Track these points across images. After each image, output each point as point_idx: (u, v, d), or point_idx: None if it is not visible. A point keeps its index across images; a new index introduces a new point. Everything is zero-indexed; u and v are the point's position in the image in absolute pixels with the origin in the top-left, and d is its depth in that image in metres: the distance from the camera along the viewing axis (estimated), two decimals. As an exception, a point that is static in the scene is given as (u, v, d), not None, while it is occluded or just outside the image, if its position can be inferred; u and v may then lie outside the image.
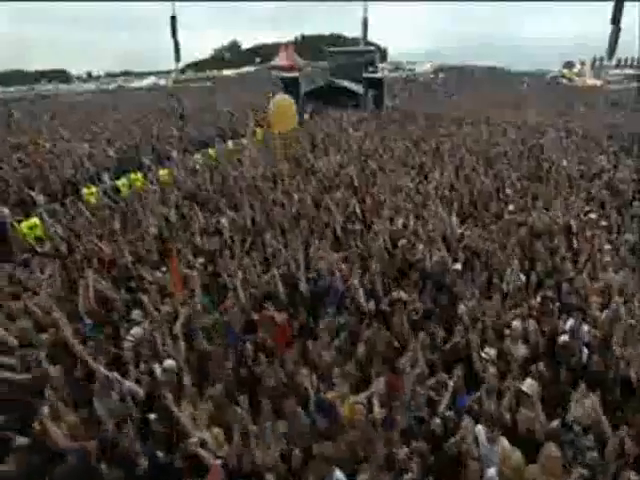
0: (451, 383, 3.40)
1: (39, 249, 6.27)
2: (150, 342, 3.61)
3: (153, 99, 37.13)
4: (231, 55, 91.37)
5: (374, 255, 5.35)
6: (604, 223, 7.03)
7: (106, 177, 10.56)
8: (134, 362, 3.38)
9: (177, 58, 65.36)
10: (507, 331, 4.12)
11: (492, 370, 3.43)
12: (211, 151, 13.43)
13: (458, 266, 5.28)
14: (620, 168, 11.44)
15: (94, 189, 9.49)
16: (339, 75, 29.42)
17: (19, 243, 8.31)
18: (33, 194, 8.90)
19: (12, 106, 36.31)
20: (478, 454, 2.84)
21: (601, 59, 63.41)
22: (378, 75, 27.71)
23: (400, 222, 6.44)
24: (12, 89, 61.30)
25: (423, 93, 45.26)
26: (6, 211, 8.19)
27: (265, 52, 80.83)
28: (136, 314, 4.15)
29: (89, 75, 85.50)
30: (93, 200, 9.24)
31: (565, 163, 11.22)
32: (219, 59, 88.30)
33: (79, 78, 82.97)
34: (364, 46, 38.62)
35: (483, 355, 3.64)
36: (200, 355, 3.52)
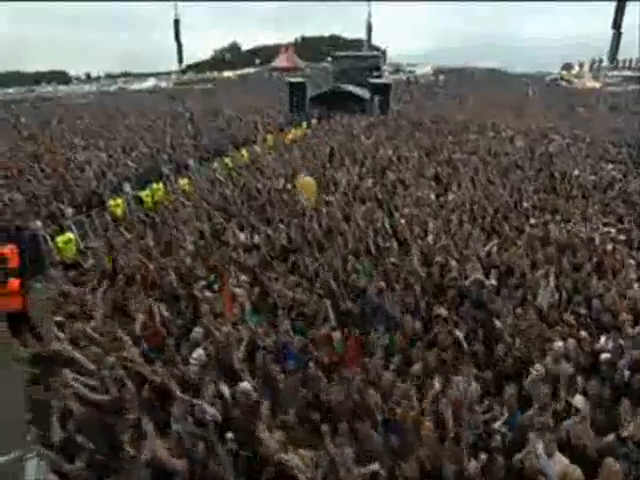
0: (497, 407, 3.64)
1: (85, 265, 6.43)
2: (217, 364, 3.82)
3: (158, 102, 37.19)
4: (231, 56, 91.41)
5: (412, 273, 5.57)
6: (622, 237, 7.31)
7: (128, 187, 10.74)
8: (205, 385, 3.57)
9: (180, 60, 64.87)
10: (548, 349, 4.34)
11: (544, 387, 3.66)
12: (227, 160, 13.64)
13: (493, 281, 5.52)
14: (630, 178, 11.77)
15: (119, 201, 9.67)
16: (343, 79, 29.73)
17: (52, 256, 8.52)
18: (62, 207, 9.08)
19: (13, 108, 36.24)
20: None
21: (600, 60, 63.61)
22: (385, 81, 27.97)
23: (430, 238, 6.67)
24: (11, 90, 61.00)
25: (425, 96, 45.50)
26: (39, 224, 8.38)
27: (265, 53, 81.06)
28: (196, 332, 4.34)
29: (88, 76, 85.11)
30: (119, 212, 9.44)
31: (577, 172, 11.51)
32: (219, 60, 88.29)
33: (78, 79, 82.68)
34: (368, 50, 38.95)
35: (533, 372, 3.88)
36: (267, 377, 3.73)
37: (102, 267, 5.90)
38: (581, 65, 66.01)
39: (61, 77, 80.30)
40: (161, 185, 10.84)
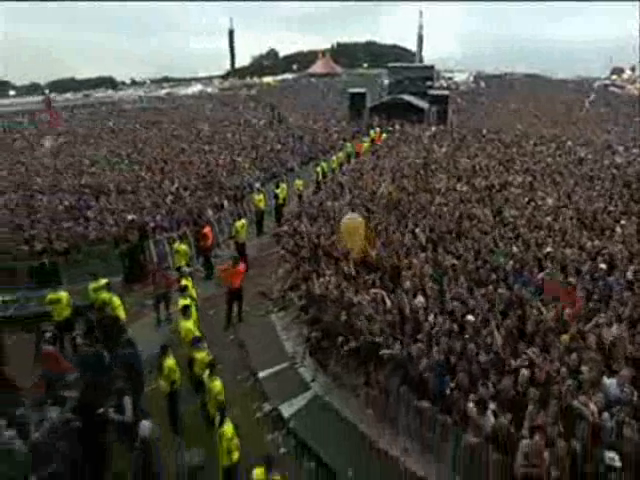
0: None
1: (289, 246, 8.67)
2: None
3: (215, 109, 40.48)
4: (269, 62, 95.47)
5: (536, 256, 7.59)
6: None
7: (258, 185, 13.19)
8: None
9: (232, 66, 69.23)
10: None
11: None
12: (323, 164, 15.97)
13: (603, 266, 7.41)
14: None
15: (262, 196, 12.04)
16: (397, 89, 31.96)
17: (217, 239, 11.00)
18: (222, 200, 11.61)
19: (78, 112, 40.15)
20: None
21: None
22: (442, 92, 29.86)
23: (542, 233, 8.66)
24: (69, 96, 66.53)
25: (470, 104, 46.72)
26: (210, 212, 10.92)
27: (302, 59, 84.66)
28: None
29: (133, 81, 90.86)
30: (262, 205, 11.84)
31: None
32: (257, 66, 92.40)
33: (124, 84, 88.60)
34: (418, 61, 41.22)
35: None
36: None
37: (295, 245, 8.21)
38: (633, 69, 64.54)
39: (109, 82, 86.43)
40: (285, 185, 13.18)
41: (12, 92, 67.73)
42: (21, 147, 21.37)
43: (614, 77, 61.74)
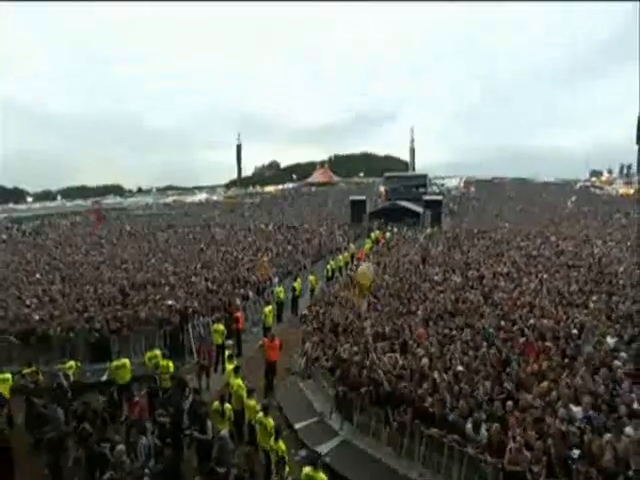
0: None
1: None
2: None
3: (223, 215, 45.49)
4: (270, 172, 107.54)
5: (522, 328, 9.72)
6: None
7: (276, 280, 15.72)
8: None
9: (239, 177, 77.80)
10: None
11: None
12: (332, 262, 18.81)
13: (575, 331, 9.49)
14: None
15: (282, 288, 14.49)
16: (394, 196, 37.12)
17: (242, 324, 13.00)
18: (248, 291, 14.00)
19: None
20: None
21: (629, 167, 70.41)
22: (437, 197, 34.82)
23: (524, 311, 10.91)
24: (80, 201, 73.70)
25: (462, 208, 52.26)
26: (239, 302, 13.17)
27: (301, 170, 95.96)
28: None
29: (139, 189, 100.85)
30: (282, 296, 14.17)
31: (622, 269, 15.63)
32: (260, 176, 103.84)
33: (131, 191, 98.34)
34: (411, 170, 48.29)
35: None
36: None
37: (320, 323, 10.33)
38: (610, 171, 73.14)
39: (117, 190, 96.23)
40: (300, 280, 15.71)
41: (30, 199, 75.01)
42: (51, 246, 24.84)
43: (593, 179, 69.73)
